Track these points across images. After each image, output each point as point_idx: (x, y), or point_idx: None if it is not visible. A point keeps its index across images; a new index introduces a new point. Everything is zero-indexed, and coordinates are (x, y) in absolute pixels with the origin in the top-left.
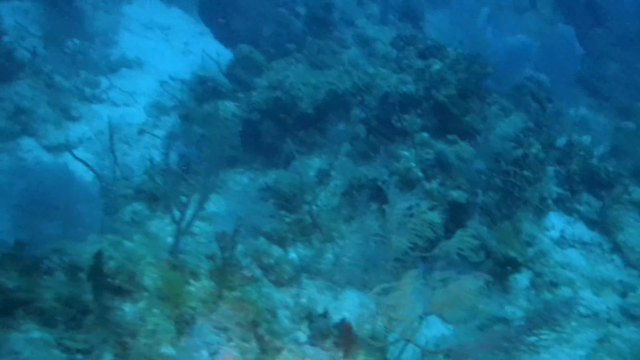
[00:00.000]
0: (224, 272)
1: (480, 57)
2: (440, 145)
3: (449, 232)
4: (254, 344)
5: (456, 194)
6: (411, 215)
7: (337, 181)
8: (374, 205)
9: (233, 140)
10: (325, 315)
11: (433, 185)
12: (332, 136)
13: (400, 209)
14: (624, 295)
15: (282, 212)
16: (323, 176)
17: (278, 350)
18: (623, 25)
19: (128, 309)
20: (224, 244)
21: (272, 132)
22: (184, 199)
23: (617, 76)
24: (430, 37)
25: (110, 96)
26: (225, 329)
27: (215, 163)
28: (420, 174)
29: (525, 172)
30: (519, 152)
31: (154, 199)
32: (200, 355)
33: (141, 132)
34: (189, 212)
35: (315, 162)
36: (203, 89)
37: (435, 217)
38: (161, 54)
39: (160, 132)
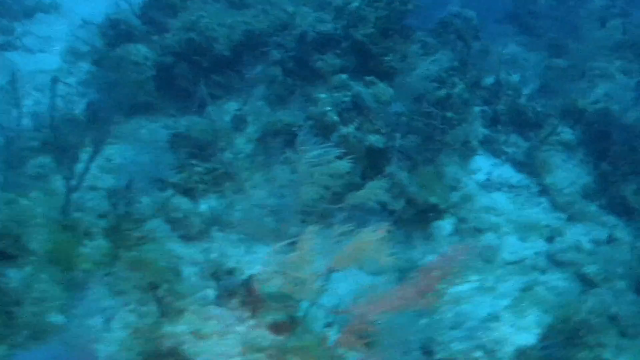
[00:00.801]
0: (119, 230)
1: None
2: (359, 87)
3: (367, 179)
4: (153, 307)
5: (374, 139)
6: (318, 164)
7: (253, 127)
8: (289, 152)
9: (146, 85)
10: (231, 272)
11: (350, 129)
12: (250, 79)
13: (309, 157)
14: (550, 240)
15: (194, 162)
16: (239, 121)
17: (180, 312)
18: None
19: (13, 275)
20: (115, 199)
21: (186, 76)
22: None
23: (548, 12)
24: None
25: (25, 43)
26: (121, 292)
27: (124, 110)
28: (336, 117)
29: (449, 114)
30: (442, 92)
31: (61, 150)
32: (93, 322)
33: (55, 80)
34: (82, 166)
35: (232, 107)
36: (114, 33)
37: (344, 165)
38: None
39: (74, 79)
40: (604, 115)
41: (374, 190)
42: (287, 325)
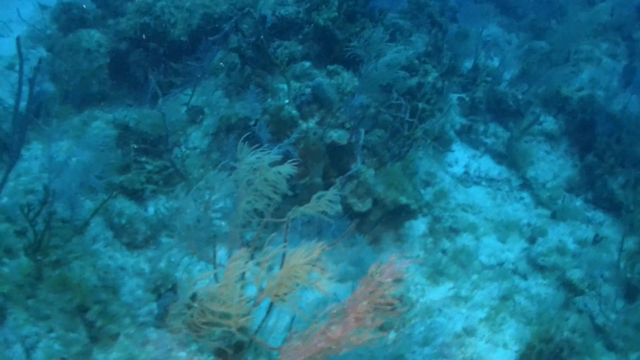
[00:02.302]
0: (42, 247)
1: None
2: (320, 78)
3: (329, 178)
4: (81, 333)
5: (336, 135)
6: (258, 170)
7: (210, 119)
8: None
9: (99, 74)
10: (175, 287)
11: (310, 124)
12: (209, 66)
13: (248, 162)
14: (532, 241)
15: (144, 159)
16: (195, 113)
17: (113, 338)
18: None
19: None
20: (28, 213)
21: (142, 64)
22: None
23: None
24: None
25: None
26: (45, 317)
27: (75, 101)
28: (294, 112)
29: (421, 104)
30: (413, 81)
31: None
32: (12, 352)
33: (11, 66)
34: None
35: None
36: (67, 17)
37: (287, 170)
38: None
39: (28, 67)
40: (589, 103)
41: (322, 203)
42: (235, 350)
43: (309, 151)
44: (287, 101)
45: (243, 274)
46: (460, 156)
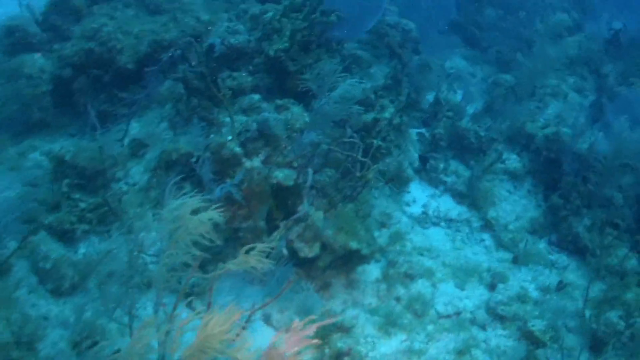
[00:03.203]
0: None
1: (322, 2)
2: (267, 113)
3: (274, 221)
4: None
5: (281, 175)
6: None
7: (152, 153)
8: (187, 187)
9: (41, 101)
10: (96, 343)
11: (255, 163)
12: (156, 96)
13: (172, 208)
14: (492, 287)
15: (78, 195)
16: (137, 146)
17: None
18: None
19: None
20: None
21: (86, 92)
22: None
23: (496, 23)
24: None
25: None
26: None
27: (14, 129)
28: (238, 149)
29: (376, 141)
30: (369, 116)
31: None
32: None
33: None
34: None
35: (134, 128)
36: (10, 41)
37: (212, 217)
38: None
39: None
40: (555, 141)
41: (251, 259)
42: None
43: (253, 192)
44: (230, 137)
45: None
46: (419, 195)
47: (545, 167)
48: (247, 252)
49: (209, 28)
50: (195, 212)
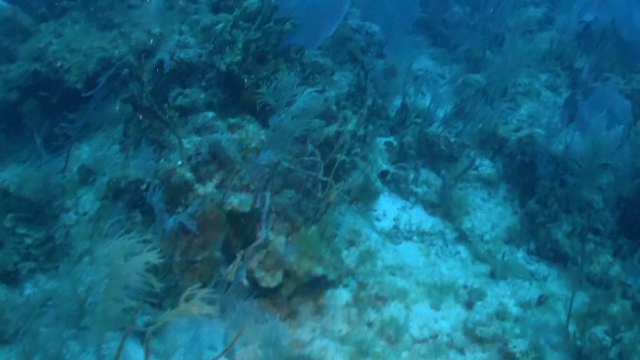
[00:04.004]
0: None
1: (277, 10)
2: (218, 134)
3: (232, 250)
4: None
5: (237, 201)
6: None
7: (104, 179)
8: (138, 217)
9: None
10: None
11: (208, 188)
12: (109, 116)
13: (104, 253)
14: (469, 305)
15: (23, 230)
16: (87, 173)
17: None
18: None
19: None
20: None
21: (34, 115)
22: None
23: (463, 20)
24: None
25: None
26: None
27: None
28: (189, 175)
29: (340, 156)
30: (331, 129)
31: None
32: None
33: None
34: None
35: (84, 152)
36: None
37: (147, 259)
38: None
39: None
40: (529, 144)
41: (192, 307)
42: None
43: (207, 220)
44: (180, 162)
45: None
46: (389, 208)
47: (520, 171)
48: (187, 299)
49: (151, 42)
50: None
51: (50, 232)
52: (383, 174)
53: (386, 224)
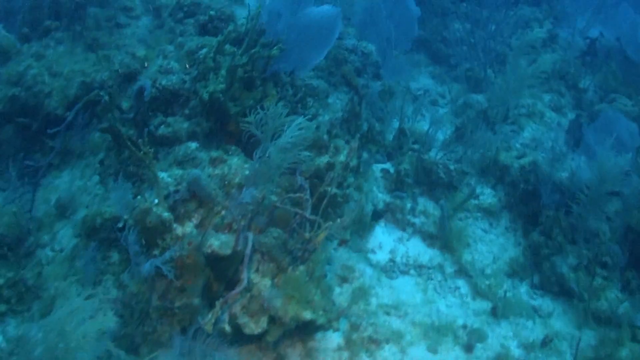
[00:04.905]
0: None
1: (264, 34)
2: (198, 170)
3: (213, 294)
4: None
5: (217, 243)
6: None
7: (83, 212)
8: (114, 256)
9: None
10: None
11: (187, 228)
12: (91, 143)
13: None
14: (469, 348)
15: None
16: (66, 205)
17: None
18: None
19: None
20: None
21: (13, 142)
22: None
23: (464, 38)
24: (217, 6)
25: None
26: None
27: None
28: (166, 214)
29: (331, 188)
30: (322, 160)
31: None
32: None
33: None
34: None
35: (64, 181)
36: None
37: (107, 323)
38: None
39: None
40: (532, 172)
41: None
42: None
43: (185, 265)
44: (156, 201)
45: None
46: (385, 240)
47: (522, 200)
48: None
49: (135, 66)
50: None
51: (23, 271)
52: (375, 215)
53: (382, 256)
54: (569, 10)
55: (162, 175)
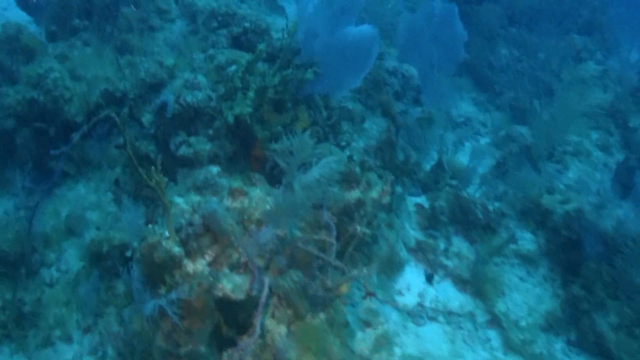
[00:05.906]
0: None
1: (299, 53)
2: (215, 203)
3: (222, 339)
4: None
5: (230, 286)
6: None
7: (94, 231)
8: (119, 287)
9: None
10: None
11: (199, 266)
12: (110, 155)
13: None
14: None
15: None
16: (77, 220)
17: None
18: None
19: None
20: None
21: (29, 147)
22: None
23: (510, 65)
24: (252, 18)
25: None
26: None
27: None
28: (176, 249)
29: (360, 227)
30: (353, 195)
31: None
32: None
33: None
34: None
35: (77, 194)
36: None
37: None
38: None
39: None
40: (577, 219)
41: None
42: None
43: (192, 308)
44: (167, 234)
45: None
46: (414, 281)
47: (564, 248)
48: None
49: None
50: None
51: (23, 293)
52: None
53: (409, 299)
54: (622, 41)
55: (178, 200)
